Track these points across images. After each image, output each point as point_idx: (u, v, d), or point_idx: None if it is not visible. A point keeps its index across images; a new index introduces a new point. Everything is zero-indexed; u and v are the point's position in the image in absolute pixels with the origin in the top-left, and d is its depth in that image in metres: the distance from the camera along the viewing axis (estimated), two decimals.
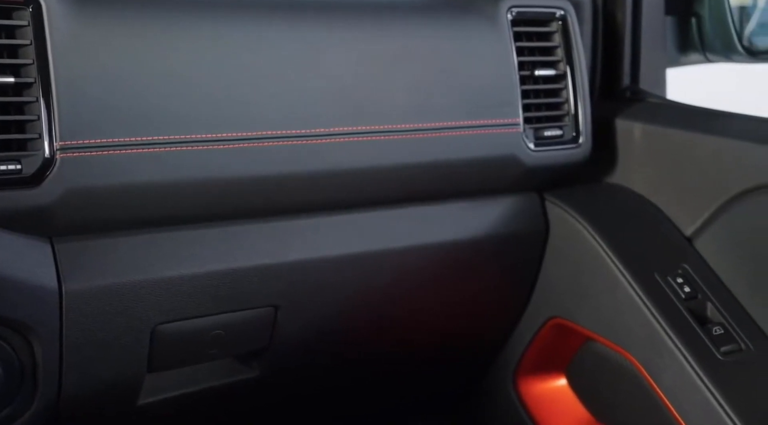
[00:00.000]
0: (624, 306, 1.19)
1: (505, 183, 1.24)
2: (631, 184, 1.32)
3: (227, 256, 1.06)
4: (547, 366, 1.39)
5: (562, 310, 1.30)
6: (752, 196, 1.14)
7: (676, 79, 1.48)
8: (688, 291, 1.18)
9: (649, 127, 1.28)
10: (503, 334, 1.39)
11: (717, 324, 1.15)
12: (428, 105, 1.14)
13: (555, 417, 1.38)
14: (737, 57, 1.44)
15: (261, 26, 1.05)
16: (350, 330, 1.23)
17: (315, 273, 1.13)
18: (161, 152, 0.97)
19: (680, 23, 1.45)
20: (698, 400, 1.10)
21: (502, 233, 1.27)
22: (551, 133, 1.25)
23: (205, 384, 1.18)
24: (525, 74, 1.22)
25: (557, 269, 1.30)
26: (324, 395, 1.37)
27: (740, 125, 1.21)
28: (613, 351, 1.24)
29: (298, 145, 1.05)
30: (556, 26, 1.26)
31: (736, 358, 1.12)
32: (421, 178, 1.16)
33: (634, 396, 1.23)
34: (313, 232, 1.12)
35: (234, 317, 1.10)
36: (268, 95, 1.03)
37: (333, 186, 1.10)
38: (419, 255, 1.21)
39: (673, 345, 1.13)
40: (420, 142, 1.13)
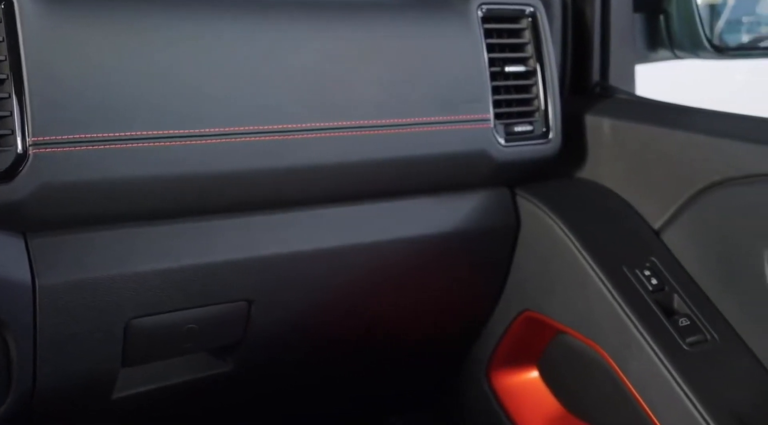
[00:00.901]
0: (593, 299, 1.21)
1: (476, 178, 1.26)
2: (601, 178, 1.34)
3: (201, 251, 1.07)
4: (519, 359, 1.41)
5: (533, 304, 1.31)
6: (717, 190, 1.16)
7: (654, 75, 1.51)
8: (656, 283, 1.20)
9: (618, 123, 1.30)
10: (476, 328, 1.41)
11: (683, 315, 1.17)
12: (400, 101, 1.15)
13: (527, 410, 1.40)
14: (705, 54, 1.46)
15: (234, 22, 1.06)
16: (323, 324, 1.24)
17: (288, 268, 1.14)
18: (134, 147, 0.97)
19: (649, 21, 1.47)
20: (665, 390, 1.12)
21: (474, 228, 1.28)
22: (521, 128, 1.26)
23: (179, 378, 1.19)
24: (495, 70, 1.23)
25: (528, 263, 1.31)
26: (298, 390, 1.38)
27: (706, 120, 1.23)
28: (583, 343, 1.25)
29: (271, 141, 1.06)
30: (526, 23, 1.27)
31: (702, 349, 1.14)
32: (393, 173, 1.17)
33: (604, 387, 1.25)
34: (286, 227, 1.13)
35: (207, 311, 1.10)
36: (240, 91, 1.04)
37: (305, 181, 1.11)
38: (392, 250, 1.22)
39: (641, 337, 1.14)
40: (392, 138, 1.14)
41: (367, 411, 1.61)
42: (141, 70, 0.98)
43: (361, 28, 1.15)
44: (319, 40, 1.10)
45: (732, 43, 1.62)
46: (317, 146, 1.09)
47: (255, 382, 1.29)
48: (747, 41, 1.62)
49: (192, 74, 1.01)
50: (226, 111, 1.03)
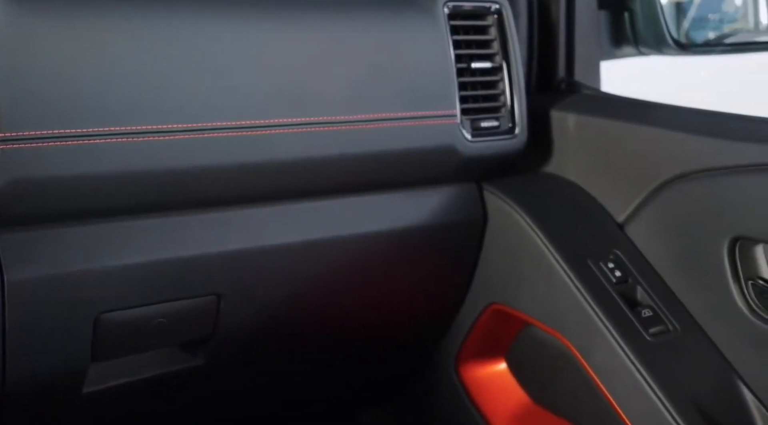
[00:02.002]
0: (558, 291, 1.23)
1: (444, 173, 1.27)
2: (566, 173, 1.36)
3: (169, 246, 1.08)
4: (487, 351, 1.42)
5: (501, 297, 1.33)
6: (678, 183, 1.18)
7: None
8: (619, 275, 1.22)
9: (582, 118, 1.32)
10: (445, 321, 1.42)
11: (646, 306, 1.20)
12: (366, 97, 1.16)
13: (495, 401, 1.41)
14: (668, 50, 1.49)
15: (202, 18, 1.06)
16: (293, 318, 1.25)
17: (257, 263, 1.15)
18: (102, 144, 0.98)
19: (614, 17, 1.50)
20: (627, 380, 1.14)
21: (442, 222, 1.30)
22: (488, 124, 1.27)
23: (150, 372, 1.19)
24: (462, 67, 1.25)
25: (495, 256, 1.33)
26: (269, 383, 1.39)
27: (668, 115, 1.25)
28: (549, 335, 1.27)
29: (239, 137, 1.06)
30: (491, 20, 1.29)
31: (664, 339, 1.17)
32: (361, 168, 1.19)
33: (570, 378, 1.27)
34: (255, 222, 1.14)
35: (177, 306, 1.11)
36: (208, 87, 1.04)
37: (273, 177, 1.12)
38: (360, 244, 1.24)
39: (604, 328, 1.16)
40: (359, 133, 1.15)
41: (338, 404, 1.62)
42: (108, 67, 0.98)
43: (328, 24, 1.16)
44: (287, 37, 1.11)
45: (698, 40, 1.65)
46: (285, 142, 1.10)
47: (226, 376, 1.30)
48: (712, 38, 1.65)
49: (159, 70, 1.01)
50: (194, 107, 1.03)
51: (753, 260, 1.12)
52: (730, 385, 1.14)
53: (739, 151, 1.11)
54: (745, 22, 1.70)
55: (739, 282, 1.13)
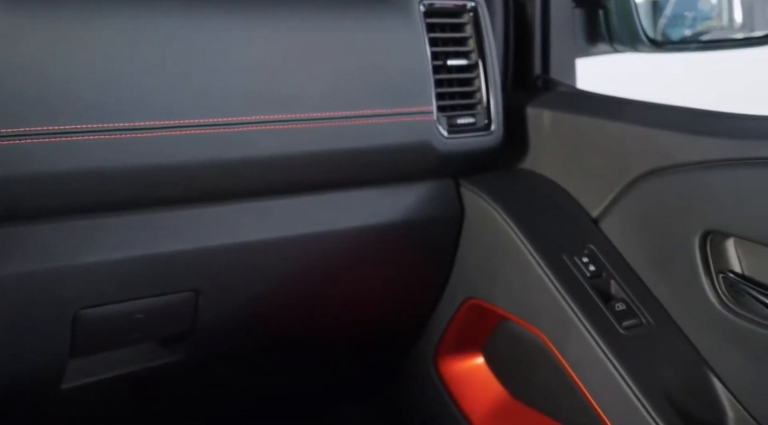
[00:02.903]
0: (534, 285, 1.24)
1: (421, 169, 1.28)
2: (542, 169, 1.37)
3: (147, 242, 1.08)
4: (465, 346, 1.44)
5: (478, 291, 1.34)
6: (651, 178, 1.20)
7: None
8: (593, 269, 1.23)
9: (557, 115, 1.34)
10: (423, 316, 1.43)
11: (620, 300, 1.21)
12: (343, 94, 1.17)
13: (473, 395, 1.43)
14: (642, 47, 1.50)
15: (177, 15, 1.07)
16: (271, 314, 1.26)
17: (234, 258, 1.16)
18: (77, 141, 0.98)
19: (589, 15, 1.51)
20: (601, 373, 1.15)
21: (419, 218, 1.31)
22: (464, 120, 1.29)
23: (128, 368, 1.20)
24: (438, 64, 1.26)
25: (472, 252, 1.34)
26: (248, 379, 1.40)
27: (640, 111, 1.27)
28: (525, 329, 1.28)
29: (215, 134, 1.07)
30: (467, 18, 1.30)
31: (637, 332, 1.18)
32: (338, 164, 1.19)
33: (546, 371, 1.28)
34: (232, 218, 1.14)
35: (155, 301, 1.12)
36: (184, 84, 1.05)
37: (251, 173, 1.13)
38: (337, 241, 1.24)
39: (579, 322, 1.18)
40: (335, 130, 1.16)
41: (318, 399, 1.63)
42: (86, 64, 0.99)
43: (305, 22, 1.16)
44: (264, 34, 1.12)
45: (673, 38, 1.66)
46: (262, 139, 1.11)
47: (205, 371, 1.30)
48: (686, 36, 1.66)
49: (133, 67, 1.02)
50: (172, 104, 1.04)
51: (724, 253, 1.14)
52: (701, 376, 1.16)
53: (709, 146, 1.12)
54: (720, 20, 1.72)
55: (710, 276, 1.14)
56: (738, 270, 1.13)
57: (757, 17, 1.69)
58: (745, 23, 1.69)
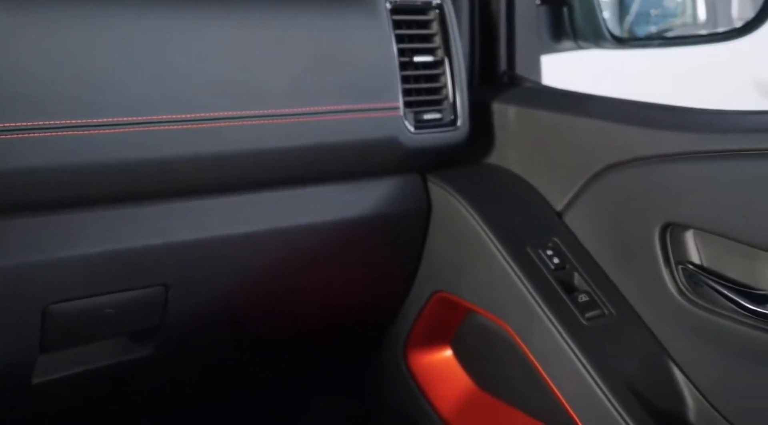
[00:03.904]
0: (499, 278, 1.26)
1: (388, 164, 1.30)
2: (507, 163, 1.39)
3: (117, 237, 1.09)
4: (433, 338, 1.46)
5: (446, 285, 1.36)
6: (612, 172, 1.22)
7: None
8: (557, 262, 1.26)
9: (522, 110, 1.36)
10: (392, 310, 1.45)
11: (583, 292, 1.23)
12: (311, 90, 1.18)
13: (441, 388, 1.45)
14: (605, 44, 1.52)
15: (146, 11, 1.08)
16: (240, 308, 1.27)
17: (203, 253, 1.17)
18: (48, 137, 0.99)
19: (553, 12, 1.53)
20: (565, 363, 1.17)
21: (387, 212, 1.32)
22: (430, 116, 1.31)
23: (99, 363, 1.20)
24: (404, 60, 1.28)
25: (440, 246, 1.36)
26: (219, 372, 1.41)
27: (602, 106, 1.29)
28: (491, 321, 1.30)
29: (184, 130, 1.08)
30: (433, 15, 1.32)
31: (600, 323, 1.20)
32: (305, 160, 1.21)
33: (512, 363, 1.30)
34: (200, 213, 1.15)
35: (125, 296, 1.13)
36: (153, 81, 1.06)
37: (219, 169, 1.14)
38: (307, 235, 1.26)
39: (543, 313, 1.20)
40: (303, 126, 1.17)
41: (289, 392, 1.64)
42: (53, 60, 1.00)
43: (272, 18, 1.18)
44: (231, 31, 1.13)
45: (636, 34, 1.69)
46: (229, 135, 1.12)
47: (176, 366, 1.31)
48: (649, 32, 1.69)
49: (105, 64, 1.03)
50: (138, 100, 1.05)
51: (683, 245, 1.16)
52: (661, 366, 1.18)
53: (667, 139, 1.14)
54: (684, 18, 1.75)
55: (670, 267, 1.17)
56: (697, 262, 1.15)
57: (720, 14, 1.72)
58: (709, 20, 1.72)
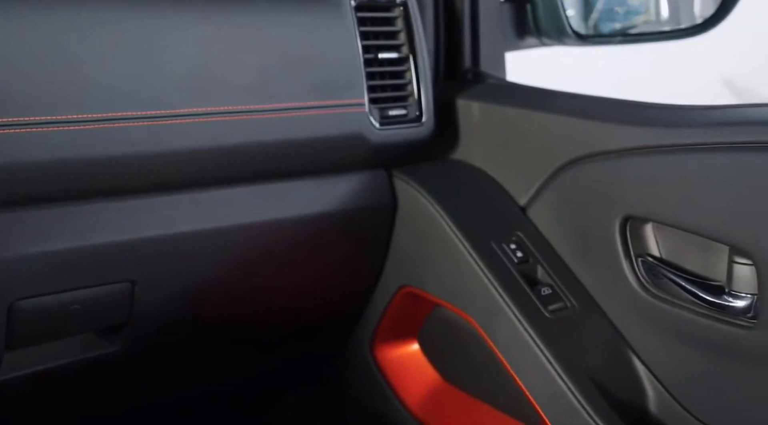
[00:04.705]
0: (464, 272, 1.27)
1: (354, 160, 1.31)
2: (472, 159, 1.41)
3: (83, 233, 1.10)
4: (400, 333, 1.47)
5: (412, 279, 1.38)
6: (574, 166, 1.23)
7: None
8: (521, 256, 1.27)
9: (486, 106, 1.37)
10: (360, 304, 1.47)
11: (546, 285, 1.25)
12: (276, 86, 1.19)
13: (408, 381, 1.46)
14: (568, 41, 1.54)
15: (111, 8, 1.08)
16: (207, 304, 1.28)
17: (170, 249, 1.17)
18: (11, 133, 0.99)
19: (517, 10, 1.55)
20: (528, 355, 1.19)
21: (353, 207, 1.33)
22: (396, 112, 1.32)
23: (67, 359, 1.21)
24: (369, 57, 1.29)
25: (406, 240, 1.37)
26: (186, 368, 1.41)
27: (564, 101, 1.30)
28: (457, 315, 1.32)
29: (149, 126, 1.08)
30: (398, 12, 1.33)
31: (562, 315, 1.22)
32: (271, 156, 1.22)
33: (476, 356, 1.32)
34: (168, 209, 1.16)
35: (91, 292, 1.13)
36: (118, 77, 1.06)
37: (184, 165, 1.14)
38: (273, 231, 1.27)
39: (506, 306, 1.22)
40: (268, 122, 1.18)
41: (259, 388, 1.65)
42: (17, 57, 1.00)
43: (237, 15, 1.18)
44: (196, 28, 1.14)
45: (604, 31, 1.71)
46: (195, 131, 1.12)
47: (143, 362, 1.32)
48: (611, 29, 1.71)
49: (70, 60, 1.03)
50: (104, 97, 1.05)
51: (642, 238, 1.18)
52: (622, 356, 1.20)
53: (626, 134, 1.16)
54: (647, 15, 1.77)
55: (630, 259, 1.18)
56: (656, 254, 1.17)
57: (683, 12, 1.75)
58: (672, 17, 1.74)
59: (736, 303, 1.08)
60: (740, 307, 1.08)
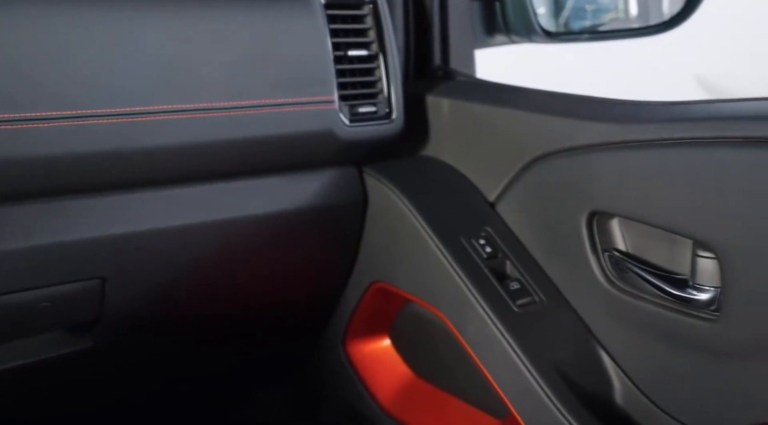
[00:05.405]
0: (434, 268, 1.28)
1: (324, 157, 1.32)
2: (442, 155, 1.42)
3: (52, 231, 1.10)
4: (372, 328, 1.48)
5: (383, 275, 1.39)
6: (542, 162, 1.25)
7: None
8: (490, 251, 1.28)
9: (455, 103, 1.38)
10: (332, 300, 1.47)
11: (514, 280, 1.26)
12: (247, 84, 1.19)
13: (380, 376, 1.47)
14: (537, 38, 1.55)
15: (80, 6, 1.08)
16: (179, 300, 1.28)
17: (140, 246, 1.17)
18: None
19: (486, 7, 1.56)
20: (496, 349, 1.20)
21: (324, 204, 1.34)
22: (365, 109, 1.33)
23: (37, 356, 1.21)
24: (339, 55, 1.30)
25: (376, 237, 1.38)
26: (159, 364, 1.42)
27: (532, 98, 1.32)
28: (427, 310, 1.33)
29: (120, 123, 1.09)
30: (367, 10, 1.34)
31: (530, 310, 1.23)
32: (242, 153, 1.22)
33: (447, 351, 1.33)
34: (137, 206, 1.16)
35: (61, 290, 1.13)
36: (87, 74, 1.06)
37: (156, 162, 1.14)
38: (245, 227, 1.27)
39: (475, 301, 1.23)
40: (239, 119, 1.19)
41: (232, 384, 1.65)
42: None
43: (207, 12, 1.18)
44: (166, 25, 1.14)
45: (574, 29, 1.73)
46: (166, 128, 1.13)
47: (115, 359, 1.32)
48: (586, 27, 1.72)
49: (40, 58, 1.03)
50: (73, 94, 1.05)
51: (609, 233, 1.19)
52: (589, 350, 1.22)
53: (591, 130, 1.17)
54: (616, 13, 1.79)
55: (596, 254, 1.20)
56: (622, 248, 1.19)
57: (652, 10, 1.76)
58: (641, 15, 1.76)
59: (699, 296, 1.10)
60: (704, 300, 1.09)
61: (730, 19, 3.27)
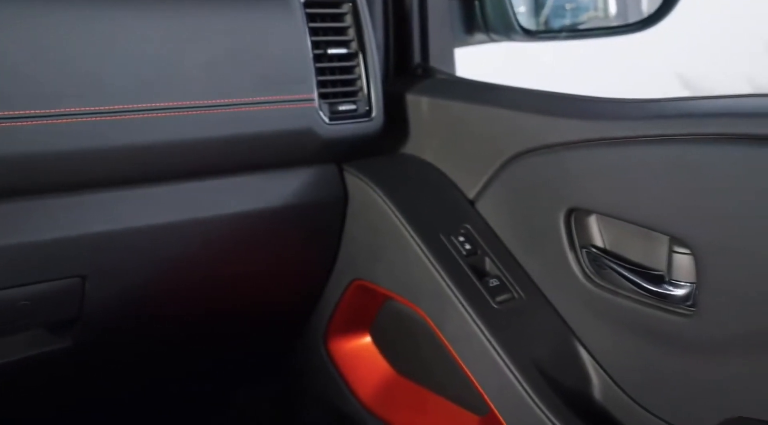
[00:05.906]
0: (413, 265, 1.29)
1: (304, 155, 1.32)
2: (422, 153, 1.42)
3: (31, 229, 1.09)
4: (353, 326, 1.48)
5: (363, 272, 1.39)
6: (520, 160, 1.25)
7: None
8: (469, 248, 1.29)
9: (435, 101, 1.39)
10: (312, 298, 1.48)
11: (493, 276, 1.27)
12: (226, 82, 1.19)
13: (361, 374, 1.47)
14: (516, 37, 1.56)
15: (58, 5, 1.08)
16: (160, 298, 1.28)
17: (120, 244, 1.17)
18: None
19: (465, 6, 1.57)
20: (476, 346, 1.21)
21: (304, 202, 1.34)
22: (345, 107, 1.33)
23: (17, 355, 1.21)
24: (319, 53, 1.30)
25: (357, 234, 1.39)
26: (139, 363, 1.42)
27: (511, 96, 1.32)
28: (407, 307, 1.33)
29: (97, 122, 1.09)
30: (347, 8, 1.34)
31: (509, 306, 1.24)
32: (222, 151, 1.22)
33: (427, 347, 1.34)
34: (118, 205, 1.16)
35: (41, 288, 1.13)
36: (63, 73, 1.06)
37: (134, 161, 1.14)
38: (225, 225, 1.27)
39: (455, 298, 1.23)
40: (218, 117, 1.19)
41: (213, 383, 1.65)
42: None
43: (186, 12, 1.18)
44: (144, 24, 1.14)
45: (554, 27, 1.74)
46: (144, 127, 1.13)
47: (95, 357, 1.32)
48: (566, 25, 1.74)
49: (16, 56, 1.03)
50: (49, 92, 1.05)
51: (587, 229, 1.20)
52: (568, 346, 1.23)
53: (570, 127, 1.18)
54: (595, 12, 1.80)
55: (574, 251, 1.21)
56: (600, 245, 1.20)
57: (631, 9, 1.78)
58: (620, 14, 1.78)
59: (675, 291, 1.11)
60: (680, 296, 1.10)
61: (711, 18, 3.31)
